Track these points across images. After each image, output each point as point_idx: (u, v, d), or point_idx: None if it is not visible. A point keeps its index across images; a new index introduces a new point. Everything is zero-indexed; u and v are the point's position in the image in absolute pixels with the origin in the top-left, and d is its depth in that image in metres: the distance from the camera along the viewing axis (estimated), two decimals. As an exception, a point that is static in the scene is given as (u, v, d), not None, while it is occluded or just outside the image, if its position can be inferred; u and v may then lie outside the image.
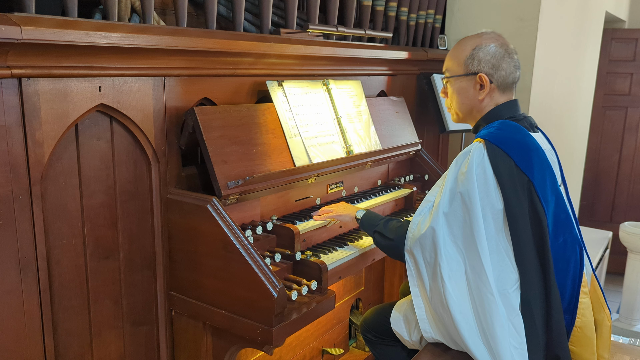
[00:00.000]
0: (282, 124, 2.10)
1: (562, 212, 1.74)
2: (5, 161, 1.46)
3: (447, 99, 1.93)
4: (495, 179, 1.66)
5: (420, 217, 1.79)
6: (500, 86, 1.81)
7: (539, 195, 1.66)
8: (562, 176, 1.89)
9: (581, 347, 1.77)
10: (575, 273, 1.75)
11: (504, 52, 1.80)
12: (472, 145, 1.72)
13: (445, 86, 1.92)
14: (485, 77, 1.79)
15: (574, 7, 3.91)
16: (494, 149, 1.67)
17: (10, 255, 1.51)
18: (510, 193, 1.65)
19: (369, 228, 1.99)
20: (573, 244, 1.75)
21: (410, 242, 1.78)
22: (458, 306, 1.68)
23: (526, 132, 1.76)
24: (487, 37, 1.82)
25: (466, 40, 1.85)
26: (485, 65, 1.79)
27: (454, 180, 1.72)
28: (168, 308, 1.96)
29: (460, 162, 1.73)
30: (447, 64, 1.89)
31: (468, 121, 1.92)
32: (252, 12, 2.34)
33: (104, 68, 1.62)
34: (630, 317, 4.25)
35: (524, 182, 1.67)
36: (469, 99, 1.84)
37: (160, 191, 1.86)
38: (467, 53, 1.81)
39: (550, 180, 1.72)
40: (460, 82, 1.84)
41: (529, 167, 1.67)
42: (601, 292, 1.89)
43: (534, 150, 1.72)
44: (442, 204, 1.71)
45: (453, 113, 1.94)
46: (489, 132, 1.73)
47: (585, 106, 4.83)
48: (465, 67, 1.82)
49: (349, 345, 2.92)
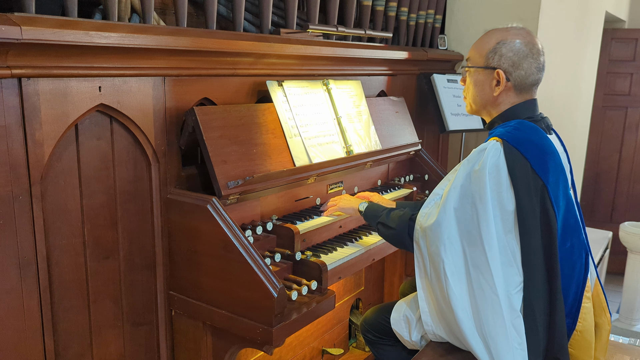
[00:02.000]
0: (282, 124, 2.10)
1: (571, 217, 1.73)
2: (5, 161, 1.46)
3: (465, 87, 1.90)
4: (510, 180, 1.64)
5: (428, 209, 1.77)
6: (517, 86, 1.76)
7: (551, 200, 1.64)
8: (572, 180, 1.86)
9: (580, 350, 1.77)
10: (580, 278, 1.73)
11: (528, 52, 1.73)
12: (489, 144, 1.69)
13: (464, 75, 1.89)
14: (503, 74, 1.74)
15: (574, 7, 3.91)
16: (511, 149, 1.64)
17: (10, 255, 1.51)
18: (524, 196, 1.63)
19: (372, 220, 2.00)
20: (580, 249, 1.73)
21: (418, 234, 1.77)
22: (460, 303, 1.68)
23: (544, 134, 1.73)
24: (514, 32, 1.76)
25: (493, 32, 1.80)
26: (506, 61, 1.74)
27: (465, 177, 1.69)
28: (168, 308, 1.96)
29: (474, 159, 1.69)
30: (470, 52, 1.85)
31: (482, 114, 1.89)
32: (252, 12, 2.34)
33: (104, 68, 1.62)
34: (630, 317, 4.25)
35: (539, 185, 1.64)
36: (485, 93, 1.81)
37: (160, 191, 1.86)
38: (491, 46, 1.76)
39: (563, 185, 1.70)
40: (479, 75, 1.81)
41: (544, 171, 1.64)
42: (603, 296, 1.87)
43: (550, 153, 1.69)
44: (451, 199, 1.69)
45: (467, 103, 1.90)
46: (506, 132, 1.69)
47: (585, 106, 4.83)
48: (486, 60, 1.78)
49: (349, 345, 2.92)
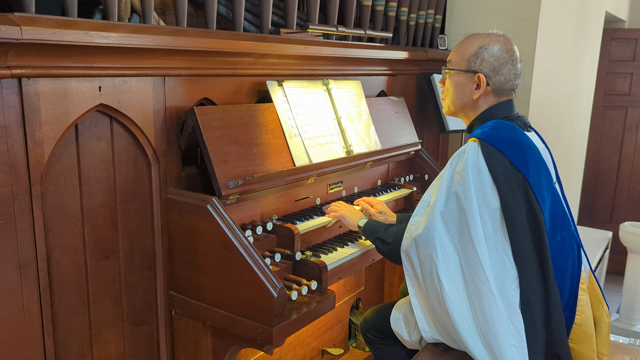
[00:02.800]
0: (282, 124, 2.10)
1: (558, 210, 1.76)
2: (5, 161, 1.46)
3: (443, 89, 1.94)
4: (491, 177, 1.67)
5: (417, 218, 1.80)
6: (495, 90, 1.82)
7: (535, 193, 1.67)
8: (557, 174, 1.90)
9: (581, 344, 1.78)
10: (574, 270, 1.76)
11: (508, 58, 1.80)
12: (467, 145, 1.74)
13: (444, 77, 1.93)
14: (483, 78, 1.80)
15: (574, 7, 3.91)
16: (488, 147, 1.68)
17: (10, 255, 1.51)
18: (506, 191, 1.66)
19: (371, 235, 2.02)
20: (571, 241, 1.76)
21: (406, 242, 1.79)
22: (456, 306, 1.69)
23: (520, 131, 1.77)
24: (495, 39, 1.82)
25: (475, 37, 1.85)
26: (487, 66, 1.80)
27: (449, 180, 1.72)
28: (168, 308, 1.96)
29: (456, 162, 1.74)
30: (451, 55, 1.90)
31: (459, 116, 1.94)
32: (252, 12, 2.34)
33: (104, 68, 1.62)
34: (630, 317, 4.25)
35: (520, 180, 1.67)
36: (464, 96, 1.85)
37: (160, 191, 1.86)
38: (473, 50, 1.82)
39: (546, 178, 1.73)
40: (459, 77, 1.85)
41: (523, 165, 1.68)
42: (599, 289, 1.90)
43: (529, 148, 1.73)
44: (438, 203, 1.72)
45: (445, 105, 1.95)
46: (483, 132, 1.74)
47: (585, 106, 4.83)
48: (467, 64, 1.83)
49: (349, 345, 2.92)
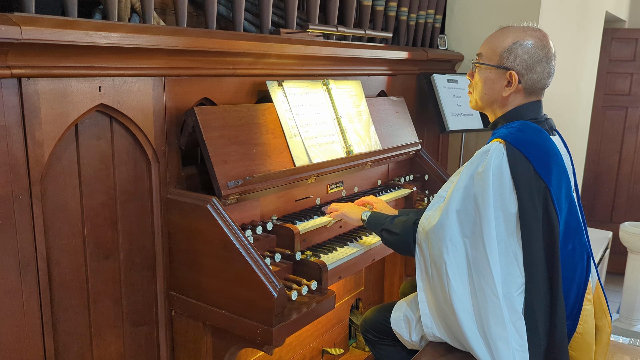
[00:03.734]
0: (282, 124, 2.10)
1: (573, 219, 1.72)
2: (5, 161, 1.46)
3: (471, 82, 1.86)
4: (512, 182, 1.62)
5: (431, 212, 1.77)
6: (527, 89, 1.74)
7: (554, 202, 1.63)
8: (575, 182, 1.85)
9: (580, 353, 1.77)
10: (581, 280, 1.73)
11: (543, 56, 1.71)
12: (491, 145, 1.67)
13: (474, 70, 1.84)
14: (516, 76, 1.71)
15: (574, 7, 3.91)
16: (514, 151, 1.63)
17: (10, 255, 1.51)
18: (526, 198, 1.62)
19: (376, 227, 1.99)
20: (581, 252, 1.73)
21: (420, 236, 1.77)
22: (462, 304, 1.68)
23: (547, 136, 1.71)
24: (530, 33, 1.72)
25: (509, 30, 1.75)
26: (520, 63, 1.70)
27: (469, 179, 1.68)
28: (168, 308, 1.96)
29: (477, 161, 1.68)
30: (482, 48, 1.80)
31: (486, 112, 1.86)
32: (252, 12, 2.34)
33: (103, 68, 1.62)
34: (630, 317, 4.25)
35: (541, 188, 1.63)
36: (494, 92, 1.77)
37: (160, 191, 1.86)
38: (506, 45, 1.72)
39: (566, 187, 1.70)
40: (490, 73, 1.76)
41: (547, 173, 1.63)
42: (604, 298, 1.87)
43: (553, 155, 1.68)
44: (454, 201, 1.68)
45: (473, 99, 1.86)
46: (509, 133, 1.67)
47: (585, 106, 4.83)
48: (500, 59, 1.73)
49: (349, 345, 2.92)
